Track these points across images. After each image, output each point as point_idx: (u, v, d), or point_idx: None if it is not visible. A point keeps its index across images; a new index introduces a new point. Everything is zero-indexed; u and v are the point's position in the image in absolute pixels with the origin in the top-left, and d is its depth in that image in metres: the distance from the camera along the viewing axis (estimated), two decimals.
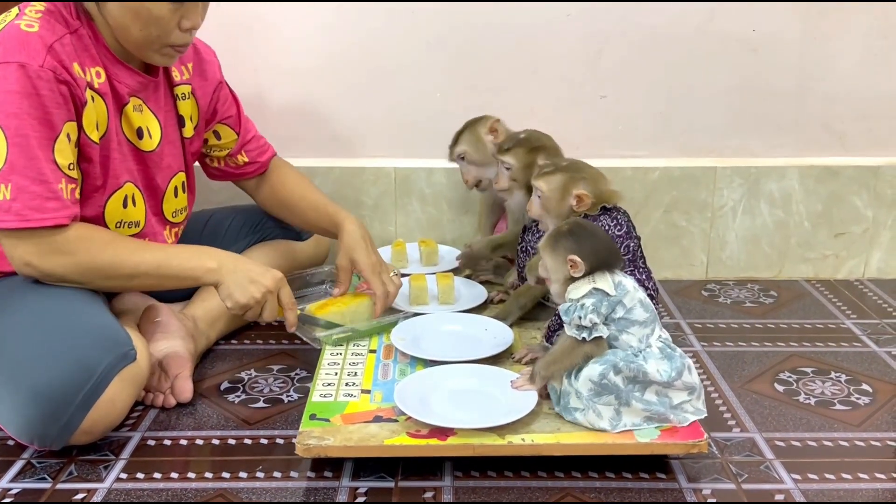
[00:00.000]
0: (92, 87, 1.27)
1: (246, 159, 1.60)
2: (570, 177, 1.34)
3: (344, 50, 1.86)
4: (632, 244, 1.35)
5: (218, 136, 1.56)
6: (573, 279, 1.17)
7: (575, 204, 1.33)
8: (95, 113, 1.28)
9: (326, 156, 1.92)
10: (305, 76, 1.88)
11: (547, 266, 1.20)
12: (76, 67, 1.24)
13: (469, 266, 1.72)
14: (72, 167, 1.24)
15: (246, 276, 1.31)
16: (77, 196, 1.26)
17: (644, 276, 1.37)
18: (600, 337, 1.14)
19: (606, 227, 1.31)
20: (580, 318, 1.13)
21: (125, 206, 1.36)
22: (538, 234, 1.43)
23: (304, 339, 1.48)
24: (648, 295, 1.36)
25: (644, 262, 1.40)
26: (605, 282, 1.15)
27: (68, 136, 1.23)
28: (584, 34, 1.84)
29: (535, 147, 1.49)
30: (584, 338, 1.13)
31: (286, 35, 1.84)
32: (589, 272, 1.15)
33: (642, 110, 1.89)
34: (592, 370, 1.14)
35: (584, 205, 1.33)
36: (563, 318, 1.16)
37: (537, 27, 1.83)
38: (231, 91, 1.58)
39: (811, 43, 1.84)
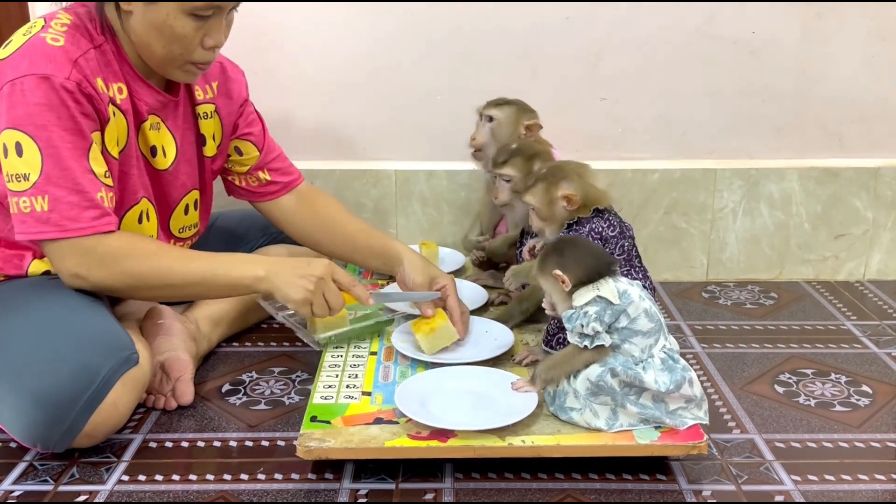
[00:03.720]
0: (114, 103, 1.27)
1: (268, 177, 1.53)
2: (550, 182, 1.34)
3: (344, 53, 1.86)
4: (626, 244, 1.35)
5: (239, 152, 1.52)
6: (574, 289, 1.16)
7: (566, 205, 1.33)
8: (116, 129, 1.28)
9: (327, 158, 1.93)
10: (305, 79, 1.88)
11: (545, 289, 1.21)
12: (100, 83, 1.24)
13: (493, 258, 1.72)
14: (107, 175, 1.24)
15: (292, 273, 1.28)
16: (114, 204, 1.25)
17: (640, 276, 1.37)
18: (602, 345, 1.14)
19: (599, 230, 1.31)
20: (582, 325, 1.13)
21: (140, 221, 1.36)
22: (535, 235, 1.44)
23: (305, 340, 1.48)
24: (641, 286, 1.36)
25: (640, 261, 1.40)
26: (608, 290, 1.14)
27: (97, 145, 1.23)
28: (584, 36, 1.84)
29: (531, 155, 1.50)
30: (585, 346, 1.14)
31: (285, 38, 1.85)
32: (579, 283, 1.15)
33: (642, 112, 1.90)
34: (591, 370, 1.14)
35: (575, 203, 1.32)
36: (566, 324, 1.15)
37: (537, 29, 1.84)
38: (256, 111, 1.55)
39: (810, 45, 1.85)
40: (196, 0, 1.21)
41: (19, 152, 1.19)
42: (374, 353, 1.41)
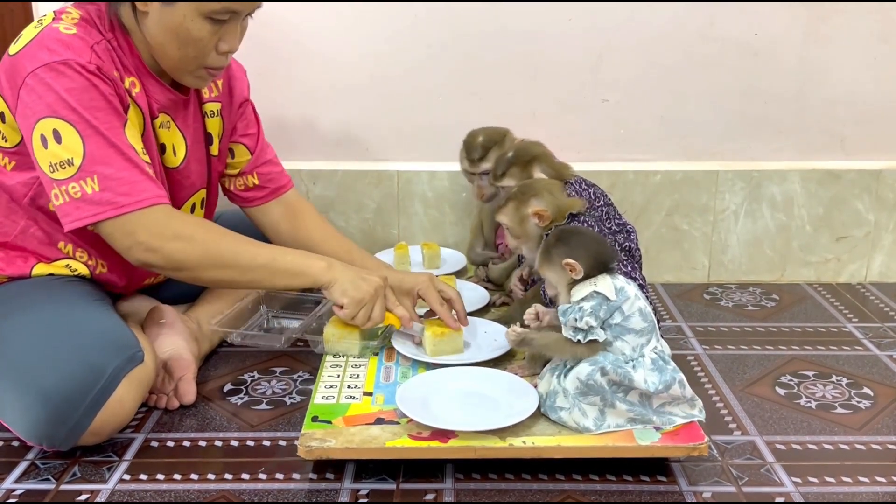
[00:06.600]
0: (129, 94, 1.27)
1: (256, 181, 1.53)
2: (519, 200, 1.35)
3: (347, 54, 1.86)
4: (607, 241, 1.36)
5: (232, 155, 1.53)
6: (576, 282, 1.17)
7: (538, 221, 1.34)
8: (136, 116, 1.28)
9: (329, 159, 1.93)
10: (309, 80, 1.88)
11: (550, 280, 1.21)
12: (115, 73, 1.24)
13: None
14: (144, 152, 1.24)
15: (357, 274, 1.33)
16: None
17: (630, 268, 1.37)
18: (595, 340, 1.14)
19: None
20: (576, 319, 1.13)
21: None
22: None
23: (309, 342, 1.48)
24: (638, 285, 1.36)
25: (629, 255, 1.41)
26: (606, 285, 1.15)
27: (129, 123, 1.24)
28: (586, 38, 1.84)
29: (527, 161, 1.50)
30: (578, 340, 1.14)
31: (288, 39, 1.85)
32: (589, 271, 1.16)
33: (644, 114, 1.90)
34: (581, 369, 1.15)
35: (546, 218, 1.33)
36: (560, 318, 1.16)
37: (539, 31, 1.84)
38: (255, 111, 1.55)
39: (812, 47, 1.85)
40: (213, 2, 1.21)
41: (58, 139, 1.17)
42: (375, 354, 1.42)
